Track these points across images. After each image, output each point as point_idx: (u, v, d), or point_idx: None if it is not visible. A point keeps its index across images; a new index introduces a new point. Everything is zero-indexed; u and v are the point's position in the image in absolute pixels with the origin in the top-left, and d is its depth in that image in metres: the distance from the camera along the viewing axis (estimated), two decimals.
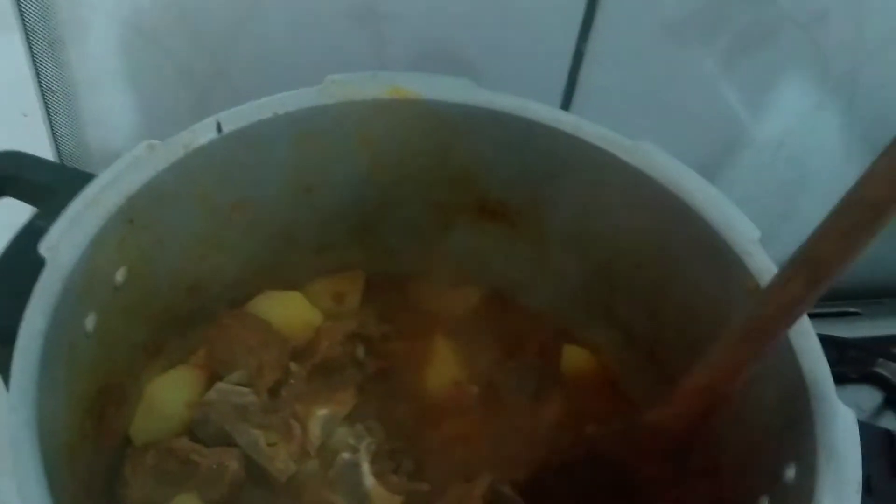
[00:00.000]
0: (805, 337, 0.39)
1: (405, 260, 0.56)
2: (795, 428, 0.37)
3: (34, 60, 0.55)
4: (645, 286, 0.49)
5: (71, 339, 0.38)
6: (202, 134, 0.43)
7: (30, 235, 0.39)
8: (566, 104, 0.67)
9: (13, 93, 0.56)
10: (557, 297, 0.55)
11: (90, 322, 0.40)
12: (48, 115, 0.57)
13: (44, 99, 0.57)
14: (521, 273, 0.56)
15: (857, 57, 0.67)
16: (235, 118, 0.44)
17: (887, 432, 0.54)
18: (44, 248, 0.37)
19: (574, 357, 0.54)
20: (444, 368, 0.53)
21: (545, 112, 0.48)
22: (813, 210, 0.77)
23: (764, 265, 0.42)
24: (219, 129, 0.43)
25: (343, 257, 0.55)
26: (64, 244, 0.37)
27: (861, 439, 0.35)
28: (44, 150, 0.59)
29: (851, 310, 0.79)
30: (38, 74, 0.55)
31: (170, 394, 0.47)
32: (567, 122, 0.48)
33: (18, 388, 0.32)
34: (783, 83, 0.68)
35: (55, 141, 0.59)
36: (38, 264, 0.37)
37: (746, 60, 0.66)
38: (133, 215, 0.41)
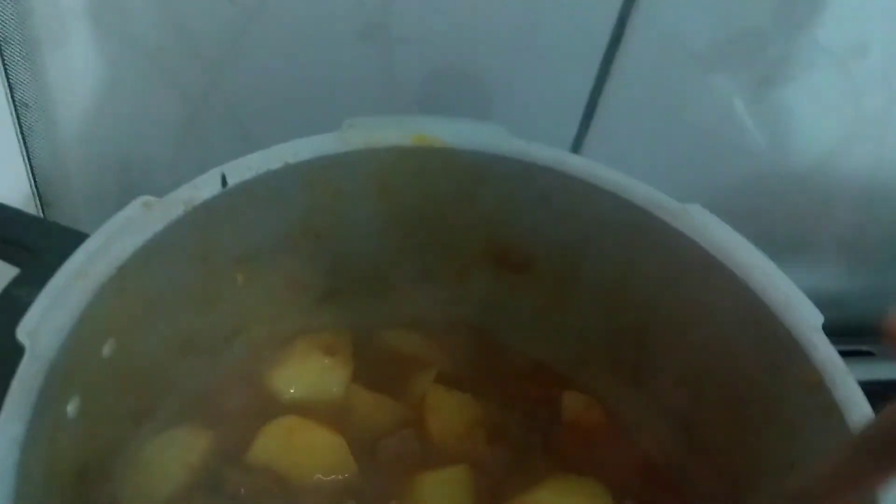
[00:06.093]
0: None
1: (413, 309, 0.51)
2: None
3: (6, 72, 0.49)
4: (682, 360, 0.45)
5: (51, 434, 0.33)
6: (205, 188, 0.38)
7: (7, 308, 0.34)
8: (584, 128, 0.62)
9: None
10: (578, 357, 0.51)
11: (73, 407, 0.35)
12: (21, 131, 0.51)
13: (17, 114, 0.50)
14: (539, 328, 0.51)
15: (891, 94, 0.64)
16: (242, 169, 0.39)
17: None
18: (22, 333, 0.31)
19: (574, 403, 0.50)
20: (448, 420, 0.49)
21: (585, 167, 0.43)
22: (830, 248, 0.75)
23: (828, 357, 0.38)
24: (224, 182, 0.38)
25: (349, 304, 0.50)
26: (45, 328, 0.32)
27: None
28: (17, 167, 0.53)
29: (864, 348, 0.77)
30: (10, 87, 0.49)
31: (167, 455, 0.42)
32: (609, 179, 0.43)
33: None
34: (812, 116, 0.65)
35: (29, 159, 0.53)
36: (15, 347, 0.32)
37: (775, 92, 0.62)
38: (124, 284, 0.35)
